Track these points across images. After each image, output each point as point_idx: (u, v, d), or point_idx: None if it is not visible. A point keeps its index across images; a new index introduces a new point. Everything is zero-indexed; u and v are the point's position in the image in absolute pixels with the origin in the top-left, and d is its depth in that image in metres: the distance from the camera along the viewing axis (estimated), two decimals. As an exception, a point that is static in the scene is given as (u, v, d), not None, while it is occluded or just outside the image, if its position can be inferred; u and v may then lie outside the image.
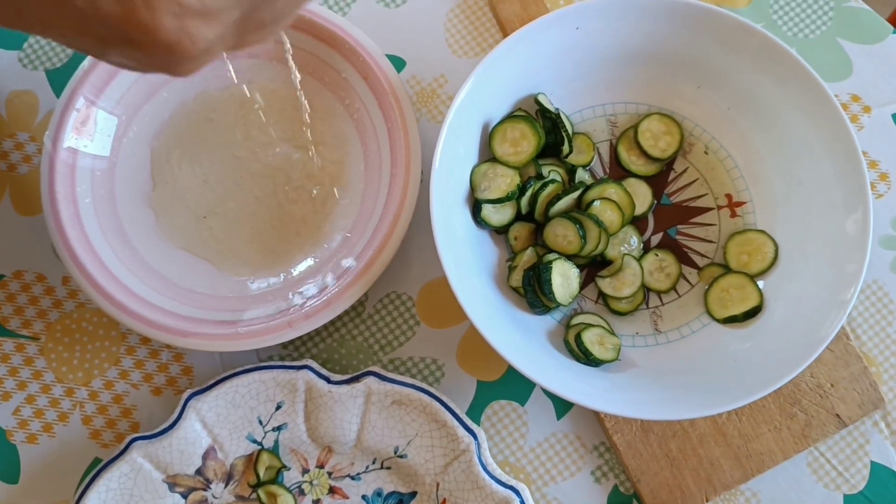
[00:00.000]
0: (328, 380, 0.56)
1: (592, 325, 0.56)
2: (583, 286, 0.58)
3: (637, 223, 0.59)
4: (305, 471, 0.57)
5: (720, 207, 0.59)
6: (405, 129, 0.57)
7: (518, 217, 0.58)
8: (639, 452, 0.57)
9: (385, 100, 0.58)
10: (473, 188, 0.57)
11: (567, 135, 0.57)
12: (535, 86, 0.58)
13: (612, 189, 0.57)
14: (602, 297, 0.58)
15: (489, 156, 0.58)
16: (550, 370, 0.53)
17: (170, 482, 0.55)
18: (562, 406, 0.59)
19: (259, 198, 0.60)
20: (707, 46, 0.56)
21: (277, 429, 0.56)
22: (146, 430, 0.58)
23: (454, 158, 0.55)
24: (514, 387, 0.59)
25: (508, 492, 0.54)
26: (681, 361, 0.56)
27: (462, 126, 0.55)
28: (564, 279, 0.55)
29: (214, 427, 0.55)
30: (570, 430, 0.58)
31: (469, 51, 0.64)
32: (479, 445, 0.55)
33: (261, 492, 0.55)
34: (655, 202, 0.60)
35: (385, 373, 0.56)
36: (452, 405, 0.55)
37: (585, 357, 0.54)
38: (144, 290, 0.56)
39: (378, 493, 0.56)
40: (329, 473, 0.57)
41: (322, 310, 0.55)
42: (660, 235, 0.59)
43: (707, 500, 0.56)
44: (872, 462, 0.58)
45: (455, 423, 0.54)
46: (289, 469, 0.56)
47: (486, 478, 0.54)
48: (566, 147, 0.58)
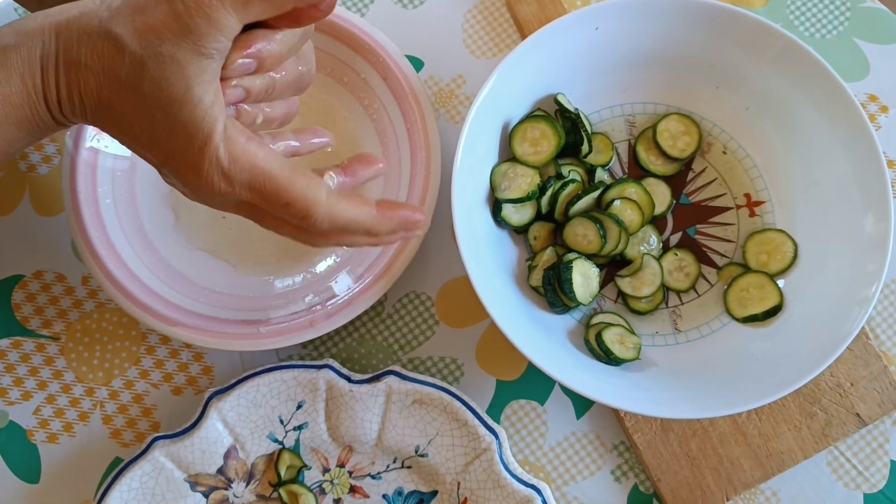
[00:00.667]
0: (349, 379, 0.56)
1: (613, 325, 0.56)
2: (602, 286, 0.58)
3: (656, 223, 0.59)
4: (326, 470, 0.57)
5: (739, 207, 0.60)
6: (425, 130, 0.57)
7: (538, 217, 0.58)
8: (659, 452, 0.57)
9: (405, 100, 0.58)
10: (494, 188, 0.57)
11: (587, 134, 0.57)
12: (555, 86, 0.59)
13: (632, 188, 0.57)
14: (622, 297, 0.59)
15: (509, 156, 0.58)
16: (571, 369, 0.53)
17: (191, 481, 0.55)
18: (581, 405, 0.59)
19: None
20: (727, 47, 0.56)
21: (298, 428, 0.56)
22: (166, 430, 0.58)
23: (474, 158, 0.55)
24: (534, 386, 0.59)
25: (530, 491, 0.54)
26: (701, 361, 0.56)
27: (482, 126, 0.55)
28: (585, 278, 0.56)
29: (236, 426, 0.55)
30: (590, 430, 0.58)
31: (487, 51, 0.64)
32: (501, 444, 0.55)
33: (282, 491, 0.56)
34: (674, 202, 0.60)
35: (406, 372, 0.56)
36: (473, 404, 0.55)
37: (606, 356, 0.54)
38: (165, 290, 0.56)
39: (399, 493, 0.56)
40: (350, 473, 0.57)
41: (343, 309, 0.55)
42: (679, 235, 0.59)
43: (727, 500, 0.56)
44: (892, 461, 0.58)
45: (476, 422, 0.55)
46: (310, 468, 0.57)
47: (508, 477, 0.54)
48: (585, 147, 0.58)
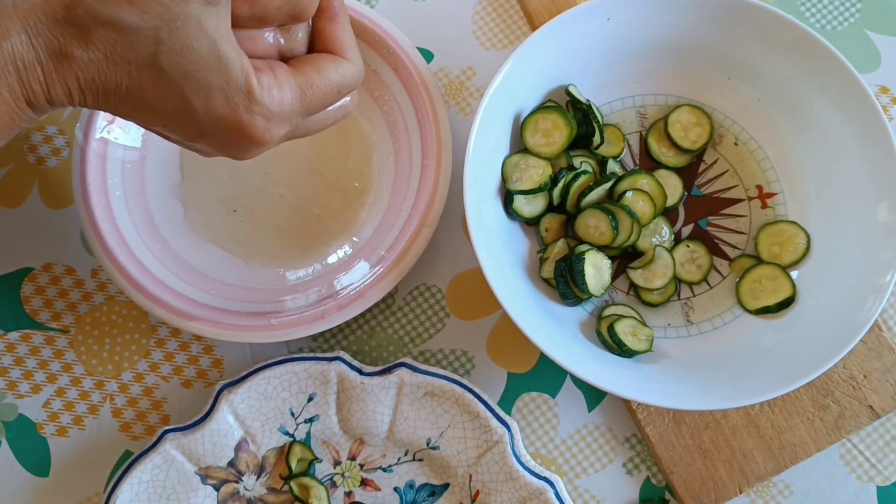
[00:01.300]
0: (360, 371, 0.55)
1: (625, 317, 0.56)
2: (614, 277, 0.58)
3: (668, 214, 0.59)
4: (337, 463, 0.56)
5: (751, 199, 0.59)
6: (436, 122, 0.57)
7: (549, 208, 0.58)
8: (671, 444, 0.57)
9: (415, 92, 0.58)
10: (505, 179, 0.57)
11: (598, 126, 0.57)
12: (566, 77, 0.58)
13: (644, 180, 0.57)
14: (633, 289, 0.58)
15: (520, 147, 0.58)
16: (583, 360, 0.53)
17: (202, 474, 0.55)
18: (593, 398, 0.59)
19: (288, 191, 0.60)
20: (739, 38, 0.56)
21: (309, 421, 0.56)
22: (176, 423, 0.58)
23: (486, 149, 0.55)
24: (545, 378, 0.59)
25: (543, 483, 0.54)
26: (713, 353, 0.56)
27: (493, 117, 0.55)
28: (597, 270, 0.55)
29: (247, 419, 0.55)
30: (602, 422, 0.58)
31: (497, 43, 0.64)
32: (513, 436, 0.55)
33: (293, 484, 0.55)
34: (686, 194, 0.59)
35: (417, 364, 0.55)
36: (485, 396, 0.55)
37: (619, 348, 0.54)
38: (176, 282, 0.56)
39: (410, 486, 0.56)
40: (361, 465, 0.56)
41: (354, 301, 0.55)
42: (691, 227, 0.59)
43: (740, 492, 0.56)
44: (905, 454, 0.58)
45: (488, 415, 0.54)
46: (320, 461, 0.56)
47: (520, 469, 0.54)
48: (597, 138, 0.58)
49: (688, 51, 0.58)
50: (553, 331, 0.54)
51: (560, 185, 0.57)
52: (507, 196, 0.57)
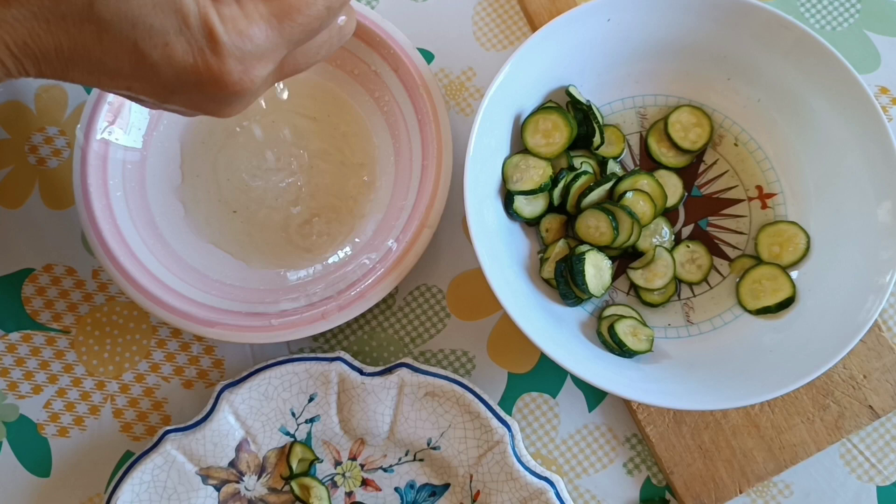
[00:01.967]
0: (361, 371, 0.56)
1: (625, 317, 0.56)
2: (614, 278, 0.58)
3: (668, 215, 0.59)
4: (338, 463, 0.57)
5: (751, 199, 0.59)
6: (437, 122, 0.57)
7: (550, 209, 0.58)
8: (671, 444, 0.57)
9: (416, 93, 0.58)
10: (505, 180, 0.57)
11: (598, 126, 0.57)
12: (566, 78, 0.58)
13: (645, 180, 0.57)
14: (634, 289, 0.58)
15: (521, 147, 0.58)
16: (584, 360, 0.53)
17: (203, 474, 0.55)
18: (593, 398, 0.59)
19: (288, 191, 0.60)
20: (739, 39, 0.56)
21: (310, 421, 0.56)
22: (177, 423, 0.58)
23: (486, 150, 0.55)
24: (546, 379, 0.59)
25: (543, 483, 0.54)
26: (714, 353, 0.56)
27: (494, 117, 0.55)
28: (597, 270, 0.55)
29: (247, 419, 0.55)
30: (602, 422, 0.58)
31: (497, 44, 0.64)
32: (514, 437, 0.55)
33: (294, 484, 0.55)
34: (686, 194, 0.60)
35: (418, 364, 0.55)
36: (486, 396, 0.55)
37: (619, 348, 0.54)
38: (177, 283, 0.56)
39: (411, 486, 0.56)
40: (361, 465, 0.56)
41: (355, 301, 0.55)
42: (691, 227, 0.59)
43: (740, 492, 0.56)
44: (905, 453, 0.58)
45: (489, 415, 0.54)
46: (321, 461, 0.56)
47: (521, 469, 0.54)
48: (597, 138, 0.58)
49: (688, 51, 0.58)
50: (553, 331, 0.54)
51: (560, 186, 0.57)
52: (508, 196, 0.57)
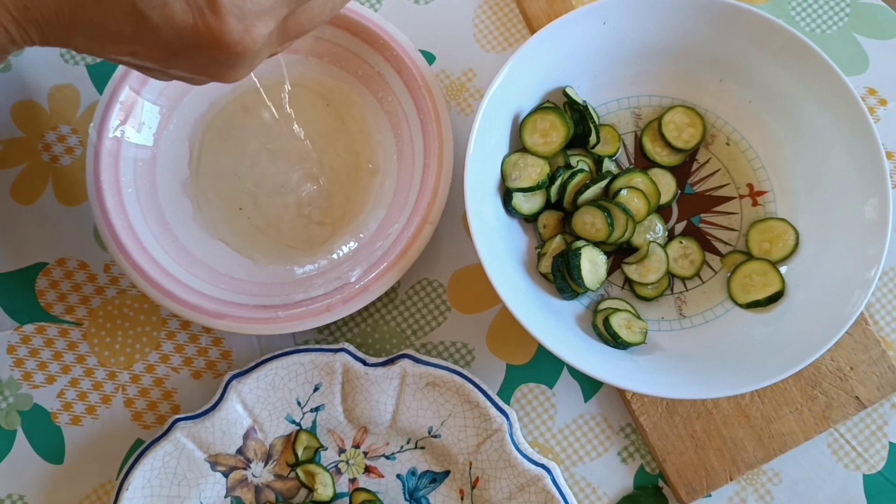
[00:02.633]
0: (364, 362, 0.57)
1: (620, 310, 0.58)
2: (609, 272, 0.60)
3: (662, 212, 0.61)
4: (342, 451, 0.58)
5: (742, 197, 0.61)
6: (438, 121, 0.59)
7: (547, 205, 0.60)
8: (664, 433, 0.59)
9: (418, 93, 0.60)
10: (504, 177, 0.59)
11: (594, 126, 0.59)
12: (563, 79, 0.60)
13: (639, 178, 0.59)
14: (628, 283, 0.60)
15: (519, 146, 0.60)
16: (580, 352, 0.54)
17: (211, 461, 0.57)
18: (589, 389, 0.61)
19: (293, 189, 0.62)
20: (731, 41, 0.58)
21: (315, 410, 0.58)
22: (187, 412, 0.60)
23: (486, 149, 0.57)
24: (543, 370, 0.61)
25: (540, 470, 0.56)
26: (705, 345, 0.58)
27: (493, 117, 0.57)
28: (593, 265, 0.57)
29: (255, 408, 0.57)
30: (597, 412, 0.60)
31: (497, 46, 0.66)
32: (511, 425, 0.57)
33: (299, 471, 0.57)
34: (679, 192, 0.61)
35: (419, 355, 0.57)
36: (484, 386, 0.57)
37: (614, 340, 0.56)
38: (186, 276, 0.58)
39: (412, 473, 0.58)
40: (365, 453, 0.58)
41: (359, 294, 0.57)
42: (684, 224, 0.61)
43: (731, 479, 0.58)
44: (891, 443, 0.60)
45: (487, 404, 0.56)
46: (326, 449, 0.58)
47: (519, 456, 0.56)
48: (593, 138, 0.60)
49: (681, 54, 0.60)
50: (551, 324, 0.56)
51: (557, 183, 0.59)
52: (507, 194, 0.59)
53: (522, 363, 0.61)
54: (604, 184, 0.59)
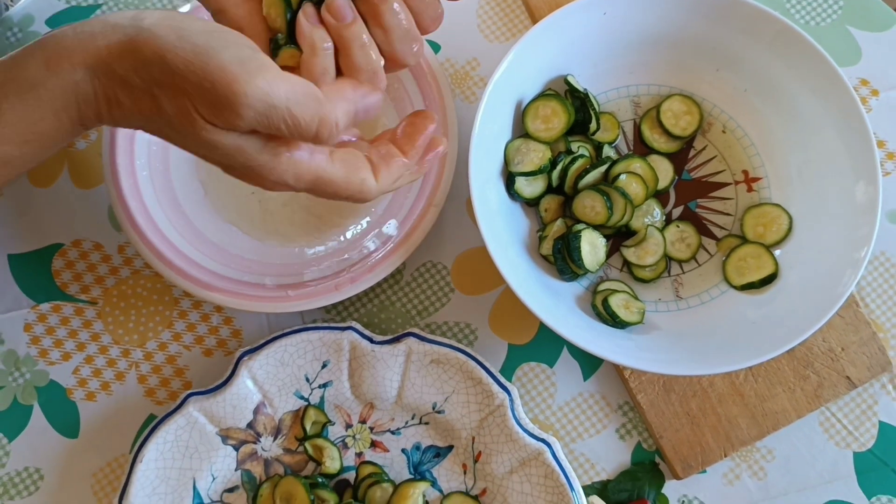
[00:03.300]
0: (371, 340, 0.59)
1: (618, 291, 0.60)
2: (608, 255, 0.62)
3: (659, 197, 0.63)
4: (349, 426, 0.60)
5: (737, 183, 0.63)
6: (443, 108, 0.61)
7: (549, 190, 0.62)
8: (661, 411, 0.60)
9: (424, 80, 0.62)
10: (507, 162, 0.61)
11: (595, 113, 0.61)
12: (565, 67, 0.62)
13: (637, 164, 0.61)
14: (626, 266, 0.62)
15: (522, 132, 0.62)
16: (580, 330, 0.56)
17: (223, 435, 0.59)
18: (588, 367, 0.62)
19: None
20: (727, 32, 0.60)
21: (323, 386, 0.60)
22: (198, 389, 0.62)
23: (489, 134, 0.59)
24: (543, 350, 0.63)
25: (541, 444, 0.57)
26: (701, 325, 0.60)
27: (497, 104, 0.59)
28: (592, 247, 0.59)
29: (264, 384, 0.59)
30: (596, 391, 0.62)
31: (500, 35, 0.68)
32: (513, 401, 0.58)
33: (307, 445, 0.59)
34: (677, 177, 0.63)
35: (424, 334, 0.59)
36: (487, 364, 0.59)
37: (612, 319, 0.58)
38: (199, 256, 0.60)
39: (417, 447, 0.60)
40: (371, 428, 0.60)
41: (366, 274, 0.58)
42: (681, 208, 0.63)
43: (725, 456, 0.60)
44: (881, 422, 0.61)
45: (490, 381, 0.58)
46: (333, 424, 0.60)
47: (520, 431, 0.58)
48: (594, 124, 0.61)
49: (679, 44, 0.62)
50: (552, 304, 0.58)
51: (559, 168, 0.61)
52: (509, 178, 0.61)
53: (523, 343, 0.63)
54: (603, 169, 0.61)
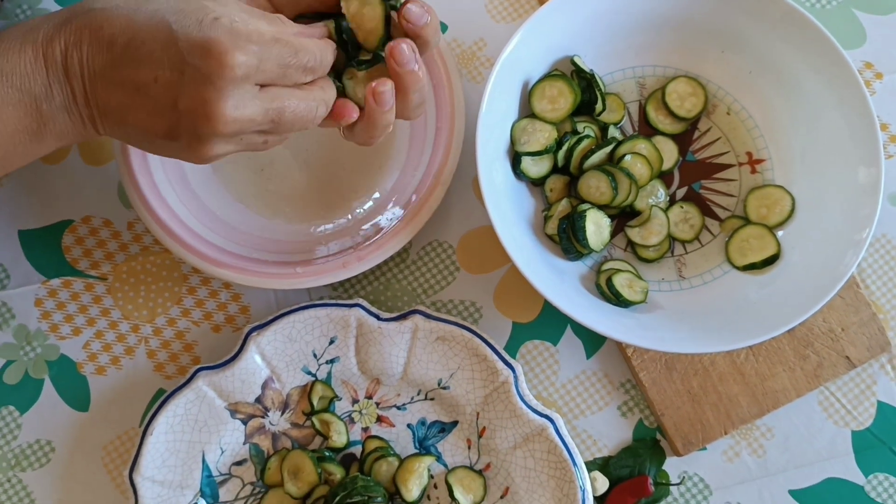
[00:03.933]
0: (378, 317, 0.60)
1: (622, 271, 0.60)
2: (613, 235, 0.63)
3: (664, 178, 0.63)
4: (355, 401, 0.61)
5: (741, 164, 0.64)
6: (450, 87, 0.61)
7: (554, 170, 0.62)
8: (663, 389, 0.61)
9: (431, 60, 0.62)
10: (514, 142, 0.61)
11: (601, 93, 0.62)
12: (571, 48, 0.63)
13: (642, 144, 0.62)
14: (630, 246, 0.63)
15: (528, 112, 0.62)
16: (584, 309, 0.57)
17: (231, 409, 0.60)
18: (591, 345, 0.63)
19: (312, 151, 0.64)
20: (732, 13, 0.60)
21: (330, 362, 0.61)
22: (207, 364, 0.62)
23: (496, 114, 0.59)
24: (547, 328, 0.63)
25: (544, 420, 0.58)
26: (703, 304, 0.61)
27: (503, 84, 0.59)
28: (597, 227, 0.60)
29: (272, 359, 0.60)
30: (599, 368, 0.63)
31: (507, 16, 0.68)
32: (517, 378, 0.59)
33: (314, 419, 0.60)
34: (681, 159, 0.64)
35: (430, 311, 0.60)
36: (492, 341, 0.59)
37: (616, 298, 0.59)
38: (208, 233, 0.61)
39: (422, 422, 0.61)
40: (377, 403, 0.61)
41: (373, 252, 0.59)
42: (685, 189, 0.64)
43: (725, 433, 0.61)
44: (879, 401, 0.62)
45: (494, 357, 0.59)
46: (340, 399, 0.61)
47: (524, 407, 0.59)
48: (599, 105, 0.62)
49: (684, 25, 0.62)
50: (556, 283, 0.59)
51: (564, 148, 0.61)
52: (516, 158, 0.61)
53: (528, 321, 0.64)
54: (609, 149, 0.62)
